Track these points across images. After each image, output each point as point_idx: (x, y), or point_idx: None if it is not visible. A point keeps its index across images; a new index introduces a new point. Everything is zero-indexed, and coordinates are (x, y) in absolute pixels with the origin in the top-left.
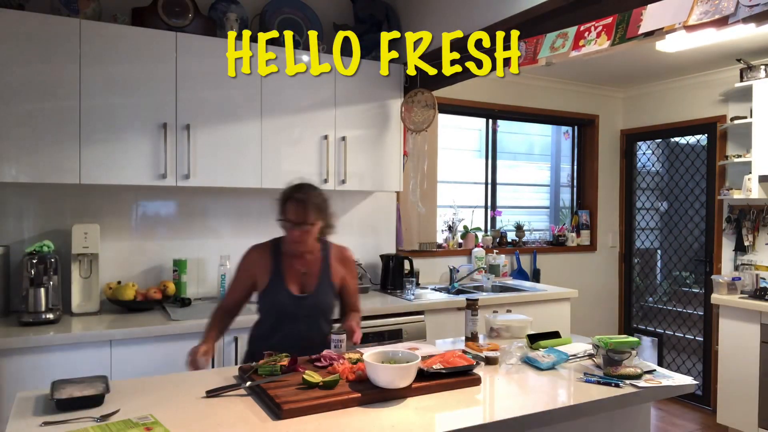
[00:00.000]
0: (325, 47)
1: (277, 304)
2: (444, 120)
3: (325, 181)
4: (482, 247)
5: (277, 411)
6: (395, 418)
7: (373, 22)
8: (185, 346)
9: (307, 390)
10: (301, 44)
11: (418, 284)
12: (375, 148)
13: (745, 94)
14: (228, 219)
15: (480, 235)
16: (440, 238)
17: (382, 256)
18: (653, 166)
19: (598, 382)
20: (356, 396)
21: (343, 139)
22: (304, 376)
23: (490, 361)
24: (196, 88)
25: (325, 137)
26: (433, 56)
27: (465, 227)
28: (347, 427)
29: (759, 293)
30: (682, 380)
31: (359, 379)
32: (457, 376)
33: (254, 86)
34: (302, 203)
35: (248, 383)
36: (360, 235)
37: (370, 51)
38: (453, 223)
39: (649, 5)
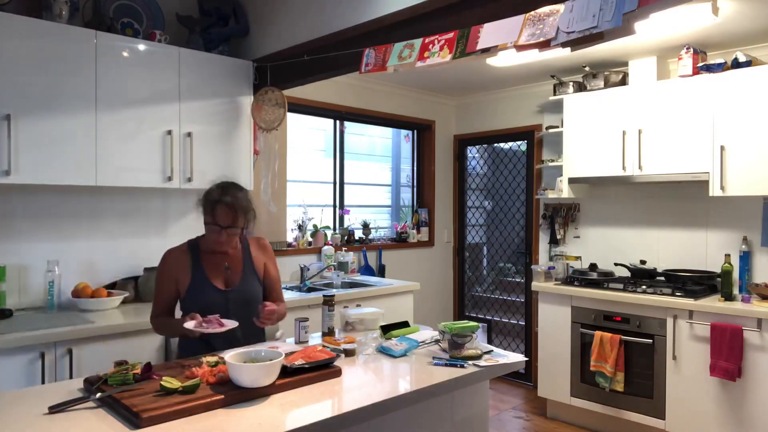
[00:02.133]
0: (168, 38)
1: (203, 302)
2: (291, 119)
3: (170, 179)
4: (331, 245)
5: (135, 420)
6: (261, 416)
7: (220, 16)
8: (8, 364)
9: (165, 396)
10: (141, 33)
11: None
12: (224, 145)
13: (558, 106)
14: (57, 220)
15: (329, 233)
16: (290, 237)
17: None
18: (481, 168)
19: (446, 364)
20: (219, 398)
21: (189, 134)
22: (162, 382)
23: (349, 353)
24: (17, 74)
25: (169, 132)
26: (282, 55)
27: (315, 226)
28: (213, 429)
29: (569, 280)
30: (515, 358)
31: (221, 381)
32: (319, 370)
33: (88, 74)
34: (231, 207)
35: (98, 395)
36: None
37: (217, 45)
38: (303, 222)
39: (485, 24)
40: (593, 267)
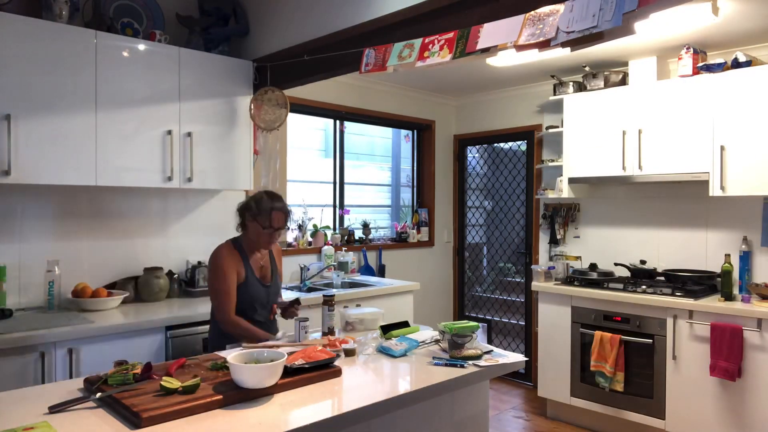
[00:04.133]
0: (168, 38)
1: (251, 295)
2: (291, 119)
3: (170, 179)
4: (331, 245)
5: (135, 420)
6: (261, 416)
7: (220, 16)
8: (8, 363)
9: (165, 396)
10: (141, 33)
11: None
12: (224, 145)
13: (558, 106)
14: (57, 220)
15: (329, 233)
16: (290, 237)
17: None
18: (480, 168)
19: (446, 364)
20: (219, 398)
21: (189, 134)
22: (162, 382)
23: (349, 353)
24: (17, 74)
25: (169, 132)
26: (282, 55)
27: (315, 226)
28: (213, 429)
29: (569, 280)
30: (515, 357)
31: (221, 381)
32: (320, 370)
33: (88, 74)
34: (284, 211)
35: (98, 395)
36: (206, 235)
37: (217, 45)
38: (303, 221)
39: (485, 24)
40: (593, 267)
